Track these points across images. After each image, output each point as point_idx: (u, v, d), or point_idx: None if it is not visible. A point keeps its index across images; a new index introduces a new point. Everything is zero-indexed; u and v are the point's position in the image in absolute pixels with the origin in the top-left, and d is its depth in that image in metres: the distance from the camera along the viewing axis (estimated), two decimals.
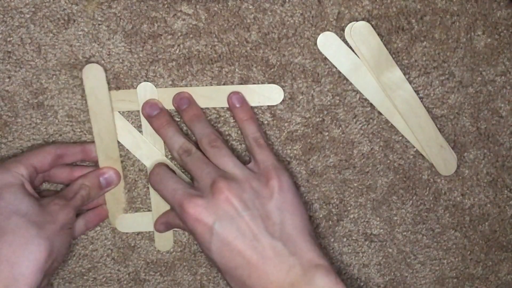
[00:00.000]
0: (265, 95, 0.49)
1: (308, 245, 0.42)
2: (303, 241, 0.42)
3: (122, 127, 0.49)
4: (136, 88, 0.49)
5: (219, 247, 0.42)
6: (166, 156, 0.50)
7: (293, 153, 0.50)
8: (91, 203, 0.49)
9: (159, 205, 0.50)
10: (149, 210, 0.51)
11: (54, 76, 0.48)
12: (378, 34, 0.48)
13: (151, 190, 0.50)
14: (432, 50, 0.48)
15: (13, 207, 0.42)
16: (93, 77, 0.47)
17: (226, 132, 0.49)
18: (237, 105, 0.48)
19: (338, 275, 0.42)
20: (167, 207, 0.50)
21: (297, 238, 0.42)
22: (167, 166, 0.48)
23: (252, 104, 0.49)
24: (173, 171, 0.48)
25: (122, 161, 0.50)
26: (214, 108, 0.49)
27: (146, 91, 0.48)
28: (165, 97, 0.49)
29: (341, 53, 0.48)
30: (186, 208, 0.42)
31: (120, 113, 0.49)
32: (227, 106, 0.49)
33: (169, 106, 0.49)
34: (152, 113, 0.48)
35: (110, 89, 0.49)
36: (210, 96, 0.49)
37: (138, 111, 0.49)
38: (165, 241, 0.51)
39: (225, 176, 0.43)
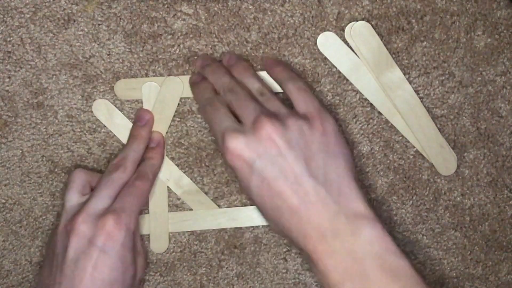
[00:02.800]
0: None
1: (353, 193, 0.40)
2: (348, 189, 0.40)
3: (123, 126, 0.49)
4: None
5: (258, 186, 0.41)
6: (166, 156, 0.50)
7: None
8: None
9: (156, 208, 0.50)
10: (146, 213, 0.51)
11: (54, 76, 0.48)
12: (378, 34, 0.48)
13: (150, 194, 0.50)
14: (432, 50, 0.48)
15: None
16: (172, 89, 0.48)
17: None
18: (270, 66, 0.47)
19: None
20: (165, 210, 0.50)
21: (342, 185, 0.41)
22: (219, 100, 0.46)
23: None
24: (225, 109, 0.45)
25: None
26: None
27: (150, 90, 0.48)
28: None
29: (341, 53, 0.48)
30: (226, 142, 0.41)
31: (120, 112, 0.49)
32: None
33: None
34: (206, 62, 0.47)
35: (111, 91, 0.49)
36: None
37: (141, 101, 0.49)
38: (160, 243, 0.51)
39: (269, 114, 0.42)
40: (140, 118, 0.49)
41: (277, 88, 0.48)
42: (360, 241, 0.39)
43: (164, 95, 0.48)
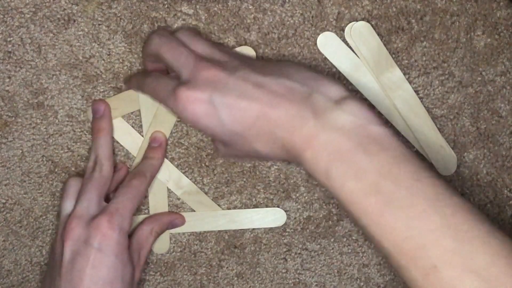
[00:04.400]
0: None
1: (323, 77, 0.39)
2: (315, 76, 0.39)
3: (122, 128, 0.49)
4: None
5: (229, 115, 0.39)
6: (167, 157, 0.50)
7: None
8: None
9: (156, 209, 0.50)
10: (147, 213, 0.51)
11: (54, 76, 0.49)
12: (378, 34, 0.48)
13: (149, 193, 0.50)
14: (432, 50, 0.48)
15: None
16: None
17: None
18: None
19: (338, 275, 0.40)
20: (165, 209, 0.50)
21: (306, 76, 0.39)
22: (159, 73, 0.45)
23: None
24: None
25: (124, 162, 0.50)
26: None
27: None
28: None
29: (341, 53, 0.48)
30: (178, 97, 0.40)
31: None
32: None
33: None
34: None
35: (112, 91, 0.49)
36: None
37: (139, 110, 0.49)
38: (161, 244, 0.51)
39: (203, 58, 0.41)
40: (96, 111, 0.48)
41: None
42: (342, 115, 0.37)
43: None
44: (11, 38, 0.48)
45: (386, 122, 0.38)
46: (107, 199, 0.47)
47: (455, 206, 0.35)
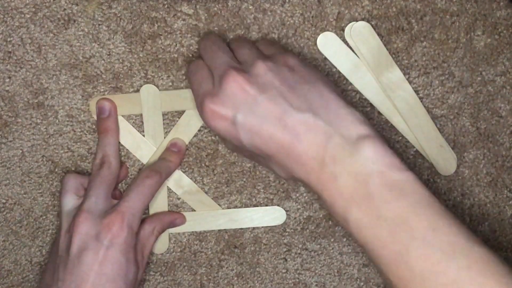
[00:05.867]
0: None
1: (345, 113, 0.38)
2: (336, 108, 0.38)
3: (123, 128, 0.49)
4: (135, 88, 0.49)
5: (249, 138, 0.39)
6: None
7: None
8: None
9: (156, 209, 0.50)
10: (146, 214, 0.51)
11: (55, 76, 0.49)
12: (378, 34, 0.48)
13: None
14: (432, 50, 0.48)
15: None
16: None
17: None
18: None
19: (338, 275, 0.40)
20: (165, 208, 0.50)
21: (330, 108, 0.38)
22: (200, 62, 0.44)
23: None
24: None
25: (124, 162, 0.50)
26: None
27: (149, 93, 0.48)
28: (168, 98, 0.49)
29: (341, 53, 0.48)
30: (204, 107, 0.40)
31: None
32: None
33: (169, 108, 0.49)
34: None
35: (112, 91, 0.49)
36: None
37: (141, 114, 0.49)
38: (160, 244, 0.51)
39: (234, 66, 0.41)
40: (102, 110, 0.48)
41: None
42: (361, 160, 0.37)
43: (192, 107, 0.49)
44: (11, 38, 0.48)
45: (406, 165, 0.37)
46: (112, 195, 0.47)
47: (472, 258, 0.35)
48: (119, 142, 0.49)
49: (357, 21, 0.47)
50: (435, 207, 0.36)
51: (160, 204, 0.50)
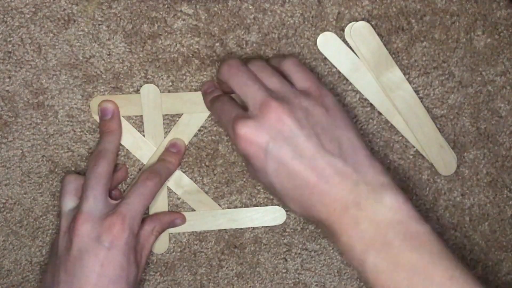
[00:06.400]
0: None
1: (370, 162, 0.40)
2: (364, 158, 0.40)
3: (123, 128, 0.49)
4: (135, 88, 0.49)
5: (275, 169, 0.40)
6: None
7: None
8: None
9: (156, 209, 0.50)
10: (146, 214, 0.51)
11: (55, 76, 0.49)
12: (378, 34, 0.48)
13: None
14: (432, 50, 0.48)
15: None
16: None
17: (226, 132, 0.49)
18: None
19: (338, 275, 0.41)
20: (165, 208, 0.50)
21: (357, 155, 0.41)
22: (230, 96, 0.46)
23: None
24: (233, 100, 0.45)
25: (123, 162, 0.50)
26: None
27: (149, 93, 0.48)
28: (168, 100, 0.49)
29: (341, 53, 0.48)
30: (237, 129, 0.41)
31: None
32: None
33: (169, 110, 0.49)
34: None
35: (112, 91, 0.49)
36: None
37: (141, 116, 0.49)
38: (160, 244, 0.51)
39: (274, 95, 0.41)
40: (104, 112, 0.48)
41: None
42: (382, 209, 0.39)
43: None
44: (11, 38, 0.48)
45: (423, 218, 0.40)
46: (110, 195, 0.47)
47: None
48: (120, 143, 0.49)
49: (357, 21, 0.47)
50: (451, 258, 0.38)
51: (160, 204, 0.50)
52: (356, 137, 0.42)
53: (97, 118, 0.49)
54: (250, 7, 0.48)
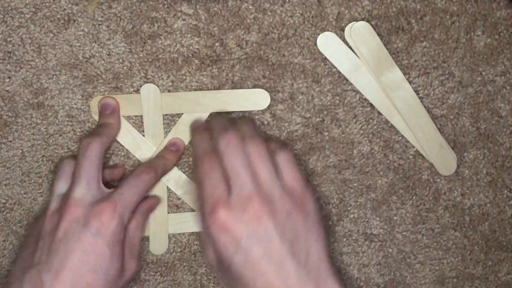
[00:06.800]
0: (251, 100, 0.49)
1: (331, 276, 0.41)
2: (326, 271, 0.41)
3: (123, 127, 0.49)
4: (135, 88, 0.49)
5: (242, 264, 0.40)
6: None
7: (293, 153, 0.50)
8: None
9: (156, 209, 0.50)
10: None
11: (55, 76, 0.49)
12: (378, 34, 0.48)
13: (150, 194, 0.50)
14: (432, 50, 0.48)
15: None
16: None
17: None
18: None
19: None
20: (164, 212, 0.50)
21: (321, 268, 0.41)
22: (216, 158, 0.44)
23: (238, 109, 0.49)
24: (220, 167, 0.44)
25: (123, 162, 0.50)
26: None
27: (149, 92, 0.48)
28: (168, 100, 0.49)
29: (341, 53, 0.48)
30: (217, 213, 0.41)
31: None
32: (224, 110, 0.49)
33: (169, 110, 0.49)
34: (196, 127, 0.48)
35: (112, 91, 0.49)
36: (207, 102, 0.49)
37: (141, 116, 0.49)
38: (159, 245, 0.51)
39: (261, 192, 0.41)
40: (105, 106, 0.48)
41: (237, 107, 0.49)
42: None
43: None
44: (11, 38, 0.48)
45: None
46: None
47: None
48: (116, 139, 0.49)
49: (357, 21, 0.47)
50: None
51: (160, 205, 0.50)
52: (324, 250, 0.42)
53: (97, 118, 0.49)
54: (250, 7, 0.48)
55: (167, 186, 0.50)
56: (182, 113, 0.49)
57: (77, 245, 0.42)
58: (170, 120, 0.49)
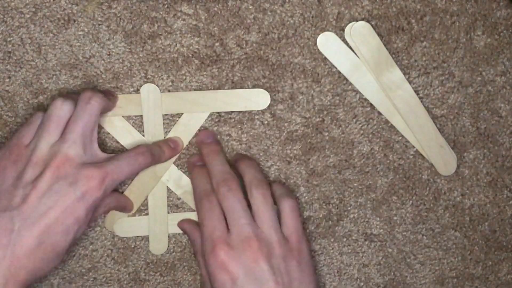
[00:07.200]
0: (251, 100, 0.49)
1: None
2: None
3: (122, 127, 0.49)
4: (135, 88, 0.49)
5: None
6: None
7: (293, 153, 0.50)
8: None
9: (156, 209, 0.50)
10: (146, 214, 0.51)
11: (54, 76, 0.49)
12: (378, 34, 0.48)
13: (149, 193, 0.50)
14: (432, 50, 0.48)
15: None
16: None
17: (226, 132, 0.50)
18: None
19: (338, 275, 0.42)
20: (164, 212, 0.50)
21: None
22: (216, 198, 0.46)
23: (238, 109, 0.49)
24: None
25: None
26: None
27: (149, 92, 0.48)
28: (168, 100, 0.49)
29: (341, 53, 0.48)
30: (217, 251, 0.43)
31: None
32: (223, 110, 0.49)
33: (169, 110, 0.49)
34: (206, 140, 0.49)
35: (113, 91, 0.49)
36: (209, 102, 0.49)
37: (141, 116, 0.49)
38: (159, 245, 0.51)
39: (260, 237, 0.44)
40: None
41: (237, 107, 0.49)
42: None
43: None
44: (11, 38, 0.48)
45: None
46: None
47: None
48: (117, 141, 0.49)
49: (357, 21, 0.47)
50: None
51: (160, 204, 0.50)
52: None
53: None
54: (250, 7, 0.48)
55: (167, 186, 0.50)
56: (182, 113, 0.49)
57: (59, 204, 0.41)
58: (170, 120, 0.49)
